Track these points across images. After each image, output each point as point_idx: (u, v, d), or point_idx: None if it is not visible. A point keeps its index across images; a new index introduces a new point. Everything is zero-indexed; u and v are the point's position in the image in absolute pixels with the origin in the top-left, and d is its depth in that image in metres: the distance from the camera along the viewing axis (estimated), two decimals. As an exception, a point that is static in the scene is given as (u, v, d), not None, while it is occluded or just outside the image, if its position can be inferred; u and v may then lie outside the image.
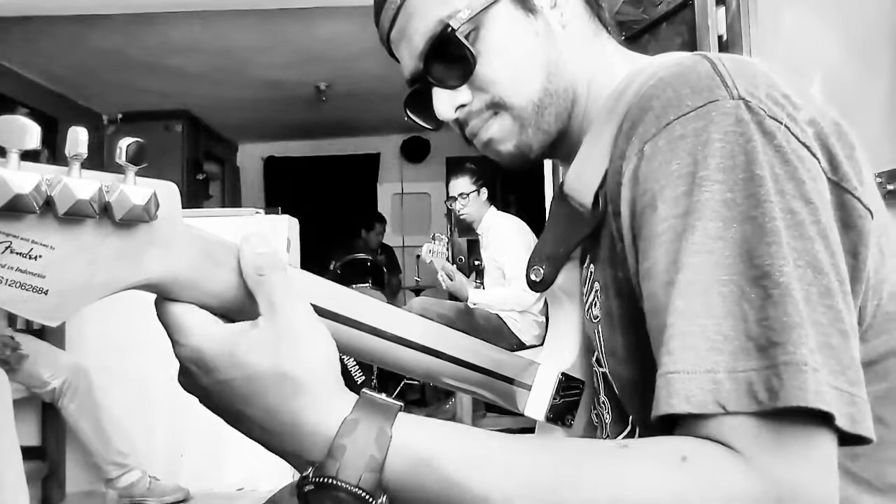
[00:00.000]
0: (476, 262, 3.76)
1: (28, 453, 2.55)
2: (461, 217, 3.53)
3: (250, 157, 7.21)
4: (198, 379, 0.49)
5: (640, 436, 0.62)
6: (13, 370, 2.49)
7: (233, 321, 0.49)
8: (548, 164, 3.57)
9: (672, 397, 0.46)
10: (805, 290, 0.47)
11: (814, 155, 0.52)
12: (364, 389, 0.49)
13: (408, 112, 0.75)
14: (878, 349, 0.57)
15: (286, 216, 3.08)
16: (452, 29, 0.64)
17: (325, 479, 0.44)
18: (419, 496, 0.46)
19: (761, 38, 1.89)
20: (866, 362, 0.55)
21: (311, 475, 0.45)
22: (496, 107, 0.68)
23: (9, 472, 2.07)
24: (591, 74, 0.69)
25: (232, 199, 6.88)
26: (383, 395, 0.48)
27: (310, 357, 0.47)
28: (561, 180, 0.70)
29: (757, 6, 1.91)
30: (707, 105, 0.52)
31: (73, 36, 4.24)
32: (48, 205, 0.40)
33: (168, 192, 0.45)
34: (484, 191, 3.47)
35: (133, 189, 0.42)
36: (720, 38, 1.99)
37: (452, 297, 3.82)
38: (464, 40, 0.65)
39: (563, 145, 0.71)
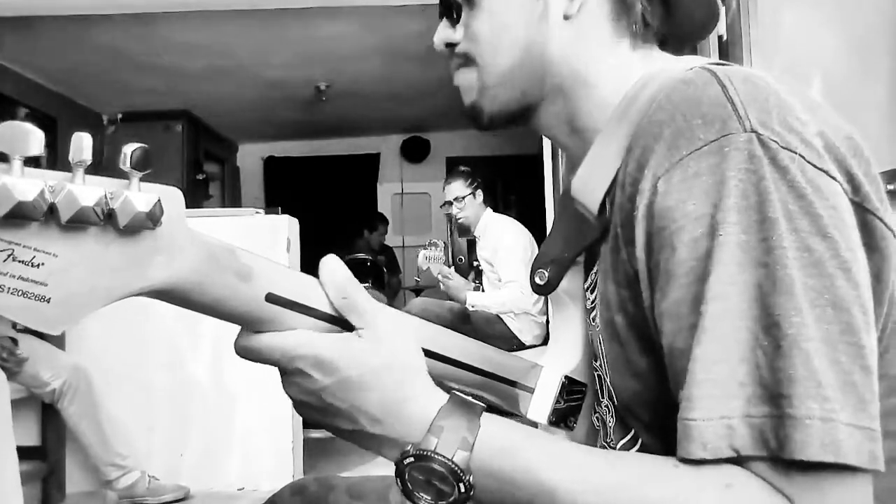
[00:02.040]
0: (476, 263, 3.76)
1: (28, 453, 2.55)
2: (458, 220, 3.53)
3: (250, 157, 7.21)
4: (315, 383, 0.52)
5: (643, 441, 0.62)
6: (13, 373, 2.49)
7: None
8: (548, 164, 3.57)
9: (690, 444, 0.48)
10: (825, 329, 0.48)
11: (833, 178, 0.52)
12: (453, 390, 0.55)
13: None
14: (891, 363, 0.56)
15: (286, 216, 3.07)
16: None
17: (425, 452, 0.50)
18: (499, 480, 0.51)
19: (761, 38, 1.89)
20: (882, 377, 0.55)
21: (411, 450, 0.50)
22: (468, 58, 0.70)
23: (5, 474, 2.07)
24: (591, 73, 0.67)
25: (232, 199, 6.88)
26: (470, 397, 0.54)
27: (410, 356, 0.54)
28: (562, 180, 0.70)
29: (757, 6, 1.91)
30: (720, 139, 0.51)
31: (73, 36, 4.24)
32: (51, 212, 0.39)
33: (172, 197, 0.45)
34: (479, 193, 3.46)
35: (137, 195, 0.42)
36: (720, 38, 1.99)
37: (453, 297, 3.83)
38: None
39: (572, 142, 0.70)
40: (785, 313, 0.47)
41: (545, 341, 3.33)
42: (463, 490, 0.50)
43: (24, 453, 2.23)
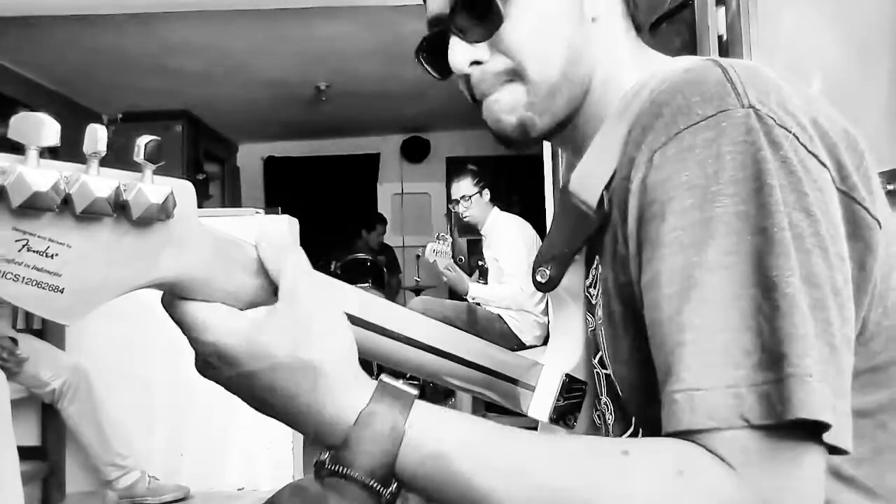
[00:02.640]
0: (479, 263, 3.76)
1: (28, 453, 2.54)
2: (465, 219, 3.53)
3: (250, 157, 7.20)
4: (221, 372, 0.50)
5: (643, 435, 0.62)
6: (13, 373, 2.49)
7: None
8: (548, 164, 3.57)
9: (695, 414, 0.47)
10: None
11: (823, 164, 0.52)
12: (383, 376, 0.51)
13: (419, 56, 0.73)
14: (882, 357, 0.57)
15: (286, 216, 3.07)
16: None
17: (340, 469, 0.47)
18: (429, 487, 0.49)
19: (761, 38, 1.89)
20: (870, 369, 0.56)
21: (327, 462, 0.48)
22: (513, 74, 0.66)
23: (4, 474, 2.06)
24: (609, 71, 0.68)
25: (232, 199, 6.87)
26: (401, 382, 0.50)
27: (328, 344, 0.49)
28: (562, 180, 0.70)
29: (757, 6, 1.91)
30: (718, 115, 0.52)
31: (73, 36, 4.24)
32: (66, 203, 0.39)
33: (184, 190, 0.45)
34: (486, 192, 3.46)
35: (150, 188, 0.42)
36: (720, 38, 1.99)
37: (453, 296, 3.83)
38: None
39: (569, 135, 0.71)
40: (782, 273, 0.47)
41: (546, 341, 3.34)
42: (387, 499, 0.48)
43: (24, 453, 2.23)
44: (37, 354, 2.62)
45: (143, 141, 0.42)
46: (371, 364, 0.61)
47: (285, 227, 3.00)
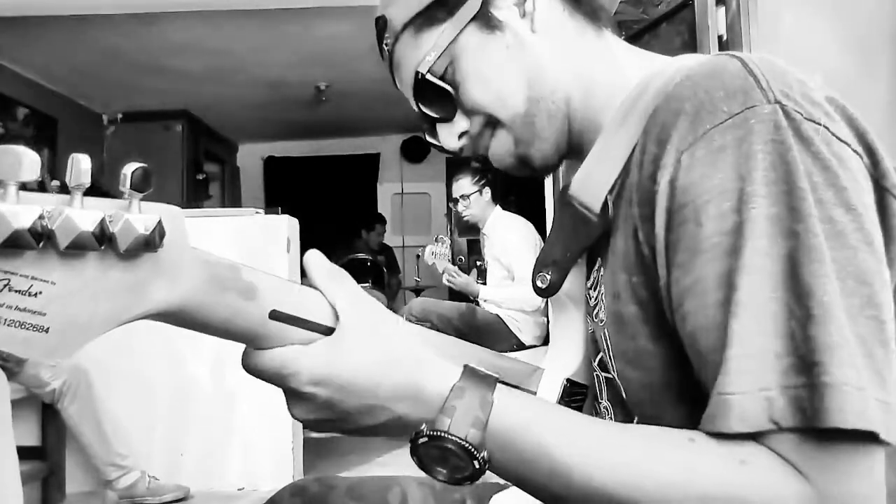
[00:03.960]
0: (479, 263, 3.75)
1: (28, 453, 2.54)
2: (465, 219, 3.52)
3: (250, 157, 7.21)
4: (319, 398, 0.51)
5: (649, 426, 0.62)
6: (13, 373, 2.49)
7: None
8: (548, 164, 3.56)
9: (729, 418, 0.48)
10: (848, 302, 0.47)
11: (855, 152, 0.52)
12: (466, 362, 0.54)
13: (429, 140, 0.78)
14: None
15: (286, 216, 3.07)
16: (423, 74, 0.69)
17: (438, 433, 0.50)
18: (513, 456, 0.51)
19: (761, 38, 1.89)
20: None
21: (425, 429, 0.51)
22: (491, 124, 0.70)
23: (4, 474, 2.06)
24: (581, 72, 0.69)
25: (232, 199, 6.88)
26: (483, 368, 0.54)
27: (406, 338, 0.53)
28: (562, 180, 0.70)
29: (757, 6, 1.91)
30: (745, 112, 0.51)
31: (73, 36, 4.24)
32: (49, 239, 0.37)
33: (173, 217, 0.43)
34: (487, 191, 3.45)
35: (137, 218, 0.40)
36: (720, 38, 1.99)
37: (453, 296, 3.82)
38: (436, 80, 0.69)
39: (567, 146, 0.71)
40: (817, 281, 0.47)
41: (545, 342, 3.33)
42: (477, 466, 0.50)
43: (24, 453, 2.23)
44: (37, 354, 2.62)
45: (129, 169, 0.40)
46: None
47: (285, 227, 3.00)
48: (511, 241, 3.33)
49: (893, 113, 1.59)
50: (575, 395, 0.67)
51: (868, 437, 0.46)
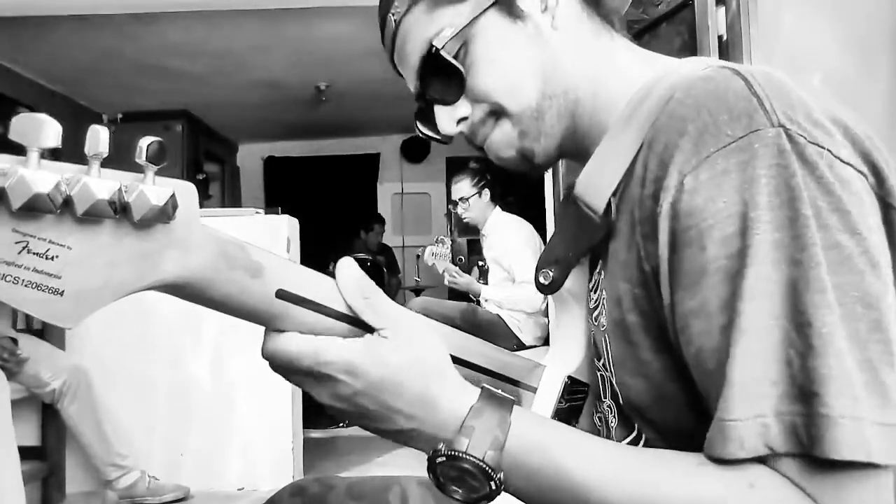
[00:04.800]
0: (480, 263, 3.75)
1: (28, 453, 2.54)
2: (465, 220, 3.51)
3: (250, 157, 7.20)
4: (346, 388, 0.52)
5: (646, 441, 0.62)
6: (13, 373, 2.49)
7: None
8: (548, 164, 3.56)
9: (727, 444, 0.48)
10: (853, 328, 0.48)
11: (860, 172, 0.52)
12: (483, 384, 0.55)
13: (418, 126, 0.76)
14: None
15: (286, 216, 3.07)
16: (437, 49, 0.66)
17: (456, 453, 0.50)
18: (529, 477, 0.52)
19: (761, 38, 1.89)
20: None
21: (443, 449, 0.51)
22: (496, 114, 0.69)
23: (5, 474, 2.06)
24: (594, 73, 0.68)
25: (232, 199, 6.88)
26: (500, 391, 0.55)
27: (438, 351, 0.54)
28: (562, 181, 0.70)
29: (757, 6, 1.91)
30: (748, 136, 0.51)
31: (73, 36, 4.24)
32: (67, 205, 0.39)
33: (186, 192, 0.45)
34: (486, 192, 3.44)
35: (152, 189, 0.41)
36: (720, 38, 1.99)
37: (453, 296, 3.82)
38: (450, 58, 0.66)
39: (570, 145, 0.71)
40: (817, 312, 0.47)
41: (546, 342, 3.33)
42: (494, 487, 0.51)
43: (24, 453, 2.23)
44: (37, 354, 2.62)
45: (145, 142, 0.42)
46: None
47: (285, 227, 3.00)
48: (511, 242, 3.33)
49: (893, 113, 1.59)
50: (576, 393, 0.67)
51: (869, 464, 0.47)
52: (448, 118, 0.70)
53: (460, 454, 0.50)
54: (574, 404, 0.68)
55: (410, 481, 0.84)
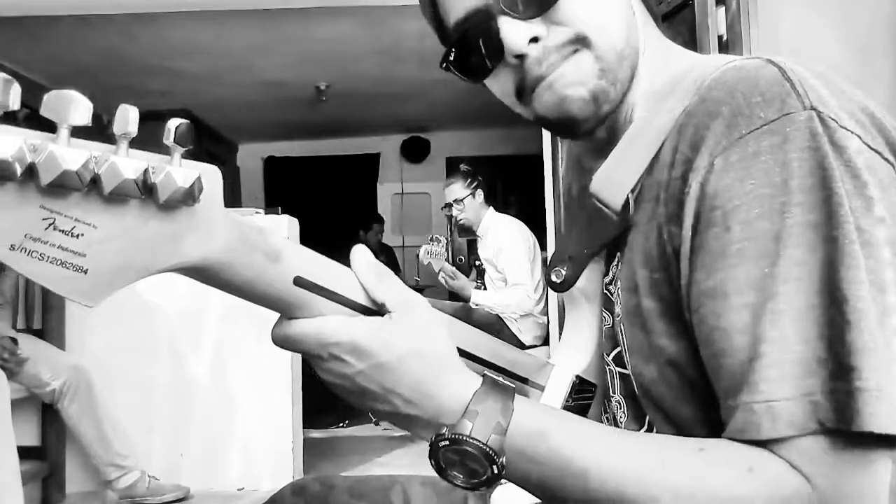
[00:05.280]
0: (478, 263, 3.76)
1: (28, 453, 2.54)
2: (460, 222, 3.52)
3: (250, 157, 7.20)
4: (350, 367, 0.51)
5: (657, 432, 0.62)
6: (13, 373, 2.49)
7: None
8: (548, 164, 3.57)
9: (776, 423, 0.48)
10: (876, 308, 0.48)
11: (886, 160, 0.52)
12: (486, 371, 0.56)
13: (447, 61, 0.66)
14: None
15: (286, 216, 3.07)
16: None
17: (459, 436, 0.51)
18: (531, 461, 0.52)
19: (761, 38, 1.89)
20: None
21: (446, 433, 0.51)
22: (578, 42, 0.61)
23: (4, 474, 2.07)
24: (642, 49, 0.66)
25: (232, 199, 6.87)
26: (502, 378, 0.55)
27: (444, 341, 0.54)
28: (562, 180, 0.70)
29: (757, 6, 1.91)
30: (781, 119, 0.51)
31: (73, 36, 4.24)
32: (94, 183, 0.39)
33: (211, 175, 0.45)
34: (480, 193, 3.44)
35: (179, 171, 0.42)
36: (720, 38, 1.99)
37: (453, 296, 3.82)
38: None
39: (601, 128, 0.66)
40: (853, 286, 0.48)
41: (545, 342, 3.33)
42: (495, 471, 0.51)
43: (24, 453, 2.23)
44: (37, 354, 2.62)
45: (173, 124, 0.42)
46: None
47: (285, 227, 3.00)
48: (504, 242, 3.33)
49: (894, 113, 1.59)
50: (583, 392, 0.68)
51: (884, 445, 0.47)
52: (519, 34, 0.60)
53: (464, 437, 0.50)
54: (581, 403, 0.68)
55: (412, 481, 0.84)
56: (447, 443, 0.51)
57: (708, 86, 0.56)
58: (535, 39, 0.61)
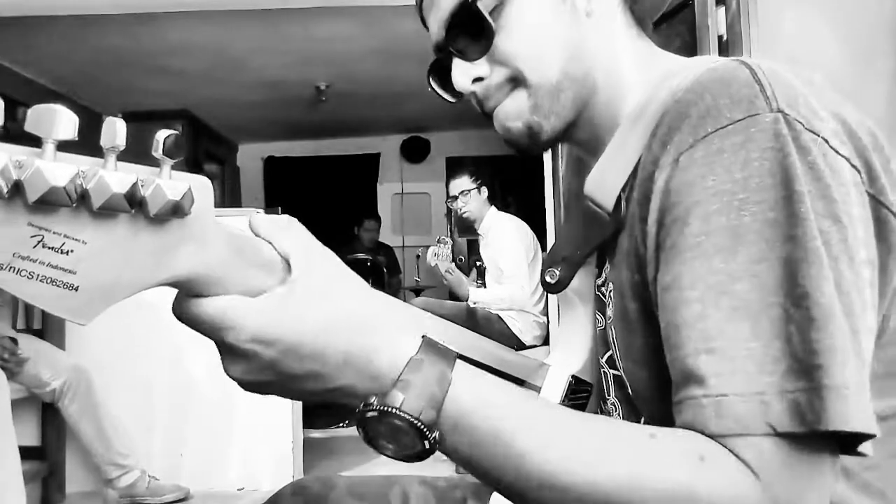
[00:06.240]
0: (478, 263, 3.76)
1: (28, 453, 2.54)
2: (463, 215, 3.54)
3: (250, 157, 7.20)
4: (261, 359, 0.46)
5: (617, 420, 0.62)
6: (13, 373, 2.49)
7: None
8: (548, 164, 3.57)
9: (722, 419, 0.47)
10: (843, 302, 0.48)
11: (853, 166, 0.52)
12: (425, 333, 0.50)
13: (430, 81, 0.75)
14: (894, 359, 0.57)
15: (286, 216, 3.07)
16: (473, 0, 0.65)
17: (389, 408, 0.46)
18: (466, 438, 0.48)
19: (761, 38, 1.89)
20: (886, 374, 0.56)
21: (374, 403, 0.47)
22: (514, 82, 0.67)
23: (5, 473, 2.07)
24: (616, 66, 0.68)
25: (232, 199, 6.87)
26: (443, 340, 0.50)
27: (365, 294, 0.49)
28: (562, 181, 0.70)
29: (757, 6, 1.91)
30: (746, 119, 0.51)
31: (73, 36, 4.24)
32: (83, 198, 0.38)
33: (202, 186, 0.44)
34: (484, 189, 3.48)
35: (168, 184, 0.41)
36: (720, 38, 1.99)
37: (453, 297, 3.83)
38: (485, 13, 0.65)
39: (583, 137, 0.70)
40: (815, 283, 0.47)
41: (545, 341, 3.34)
42: (427, 446, 0.47)
43: (24, 453, 2.23)
44: (37, 354, 2.62)
45: (161, 135, 0.41)
46: None
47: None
48: (505, 241, 3.35)
49: (893, 113, 1.59)
50: (579, 393, 0.68)
51: (833, 446, 0.47)
52: (465, 74, 0.68)
53: (393, 410, 0.46)
54: (577, 403, 0.68)
55: (412, 481, 0.84)
56: (374, 414, 0.47)
57: (684, 87, 0.56)
58: (479, 79, 0.68)
